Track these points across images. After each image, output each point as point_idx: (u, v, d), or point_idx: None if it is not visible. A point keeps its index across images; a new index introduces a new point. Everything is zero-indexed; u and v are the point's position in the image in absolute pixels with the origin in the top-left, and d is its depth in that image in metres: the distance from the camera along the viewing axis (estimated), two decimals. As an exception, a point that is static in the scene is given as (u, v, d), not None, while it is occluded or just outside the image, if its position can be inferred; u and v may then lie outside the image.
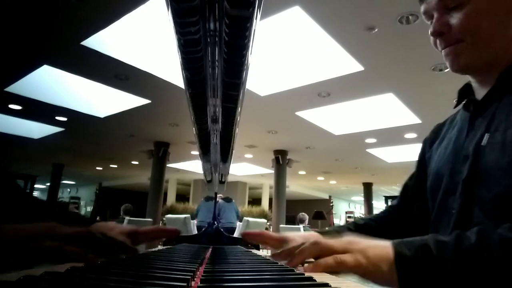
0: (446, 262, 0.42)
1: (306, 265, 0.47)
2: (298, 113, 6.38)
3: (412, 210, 0.87)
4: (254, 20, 0.38)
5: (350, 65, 4.44)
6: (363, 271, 0.46)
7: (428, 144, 0.86)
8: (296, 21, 3.61)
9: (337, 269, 0.46)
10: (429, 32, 0.69)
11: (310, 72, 4.77)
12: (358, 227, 0.89)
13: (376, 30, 3.62)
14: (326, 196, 18.38)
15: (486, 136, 0.62)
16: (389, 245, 0.47)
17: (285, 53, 4.37)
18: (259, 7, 0.36)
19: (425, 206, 0.81)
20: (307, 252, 0.50)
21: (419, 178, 0.86)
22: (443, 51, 0.69)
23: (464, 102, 0.75)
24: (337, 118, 6.64)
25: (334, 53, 4.17)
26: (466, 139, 0.68)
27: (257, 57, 4.41)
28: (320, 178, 13.57)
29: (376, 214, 0.95)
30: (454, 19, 0.65)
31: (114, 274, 0.37)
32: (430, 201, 0.76)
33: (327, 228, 0.95)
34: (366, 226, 0.89)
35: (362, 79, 4.80)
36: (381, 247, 0.47)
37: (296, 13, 3.47)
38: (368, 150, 8.81)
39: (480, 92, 0.70)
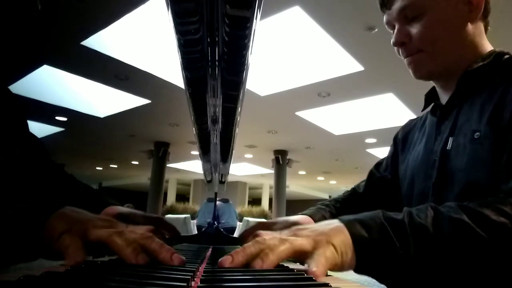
0: (404, 242, 0.42)
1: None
2: (298, 113, 6.38)
3: (373, 198, 0.91)
4: (254, 20, 0.38)
5: (350, 65, 4.44)
6: (336, 265, 0.43)
7: (401, 144, 0.88)
8: (296, 21, 3.61)
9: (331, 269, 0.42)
10: (391, 42, 0.72)
11: (310, 72, 4.77)
12: (338, 209, 0.91)
13: (376, 30, 3.62)
14: (326, 196, 18.38)
15: (451, 140, 0.65)
16: (341, 226, 0.45)
17: (285, 53, 4.37)
18: (259, 7, 0.36)
19: (385, 196, 0.88)
20: (282, 253, 0.43)
21: (388, 172, 0.90)
22: (405, 59, 0.72)
23: (431, 106, 0.79)
24: (337, 118, 6.64)
25: (334, 53, 4.17)
26: (435, 143, 0.71)
27: (257, 57, 4.41)
28: (320, 178, 13.57)
29: (344, 195, 0.97)
30: (414, 29, 0.68)
31: (114, 274, 0.37)
32: (405, 205, 0.78)
33: (312, 209, 0.93)
34: (345, 206, 0.92)
35: (362, 79, 4.80)
36: (339, 231, 0.44)
37: (296, 13, 3.47)
38: (368, 150, 8.81)
39: (443, 97, 0.74)
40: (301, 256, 0.44)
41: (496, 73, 0.65)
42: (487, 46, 0.70)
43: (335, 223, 0.46)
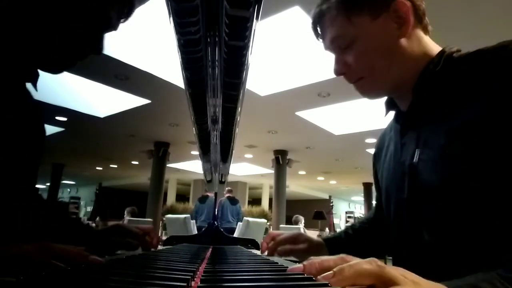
0: None
1: None
2: (298, 113, 6.38)
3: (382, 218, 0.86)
4: (254, 20, 0.38)
5: (350, 65, 4.44)
6: None
7: (376, 159, 0.88)
8: (296, 21, 3.61)
9: None
10: (333, 72, 0.72)
11: (310, 72, 4.77)
12: (356, 231, 0.93)
13: (376, 30, 3.62)
14: (326, 196, 18.36)
15: (417, 152, 0.62)
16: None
17: (285, 53, 4.37)
18: (259, 7, 0.36)
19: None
20: (366, 277, 0.34)
21: (378, 191, 0.89)
22: (352, 85, 0.72)
23: (392, 112, 0.76)
24: (337, 118, 6.64)
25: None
26: (402, 154, 0.68)
27: (257, 57, 4.41)
28: (320, 178, 13.57)
29: (367, 216, 0.99)
30: (350, 58, 0.68)
31: (114, 274, 0.37)
32: (386, 218, 0.77)
33: (326, 234, 0.98)
34: (362, 231, 0.93)
35: (362, 79, 4.81)
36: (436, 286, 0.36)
37: (296, 13, 3.47)
38: (368, 150, 8.81)
39: (402, 104, 0.71)
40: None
41: (452, 78, 0.61)
42: (433, 47, 0.67)
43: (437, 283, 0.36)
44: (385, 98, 0.76)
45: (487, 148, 0.52)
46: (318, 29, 0.73)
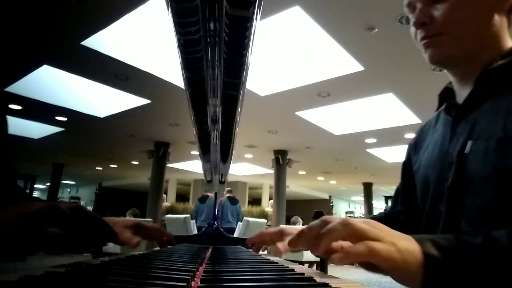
0: (477, 267, 0.39)
1: (334, 255, 0.38)
2: (298, 113, 6.38)
3: (400, 214, 0.87)
4: (254, 20, 0.38)
5: (350, 65, 4.43)
6: (392, 265, 0.38)
7: (413, 149, 0.86)
8: (296, 21, 3.61)
9: (367, 259, 0.38)
10: (411, 23, 0.69)
11: (310, 72, 4.77)
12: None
13: (376, 30, 3.62)
14: (326, 196, 18.38)
15: (469, 143, 0.62)
16: (413, 241, 0.41)
17: (285, 53, 4.37)
18: (259, 7, 0.36)
19: (411, 210, 0.82)
20: (337, 233, 0.40)
21: (405, 182, 0.87)
22: (422, 42, 0.68)
23: (445, 105, 0.74)
24: (337, 118, 6.64)
25: (334, 53, 4.17)
26: (450, 144, 0.67)
27: (257, 57, 4.41)
28: (320, 178, 13.56)
29: (372, 216, 0.95)
30: (438, 11, 0.65)
31: (114, 274, 0.37)
32: (420, 207, 0.76)
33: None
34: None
35: (362, 79, 4.80)
36: (409, 241, 0.40)
37: (296, 13, 3.47)
38: (368, 150, 8.81)
39: (460, 95, 0.70)
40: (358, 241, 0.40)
41: None
42: (508, 42, 0.67)
43: (405, 235, 0.42)
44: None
45: None
46: None
